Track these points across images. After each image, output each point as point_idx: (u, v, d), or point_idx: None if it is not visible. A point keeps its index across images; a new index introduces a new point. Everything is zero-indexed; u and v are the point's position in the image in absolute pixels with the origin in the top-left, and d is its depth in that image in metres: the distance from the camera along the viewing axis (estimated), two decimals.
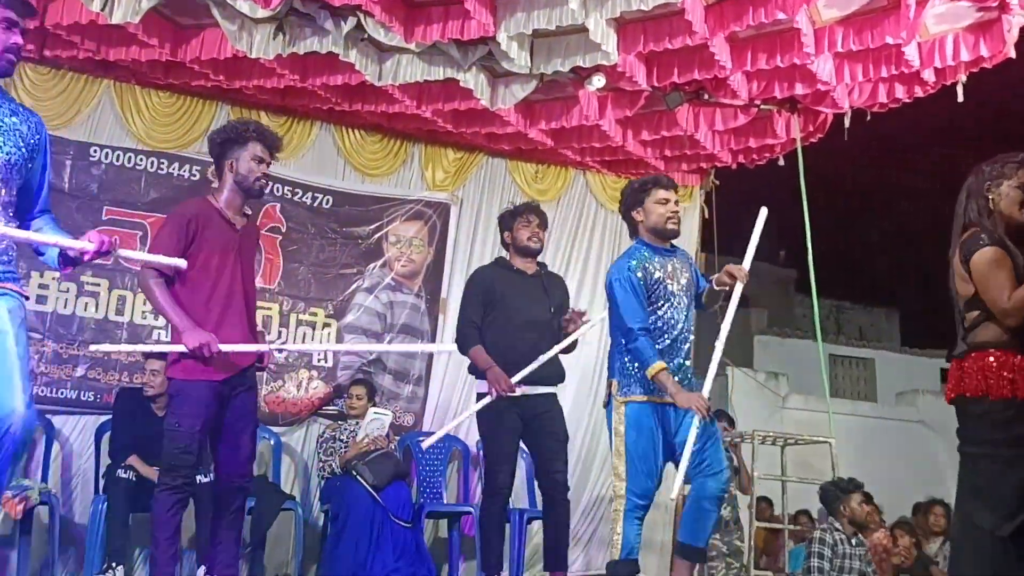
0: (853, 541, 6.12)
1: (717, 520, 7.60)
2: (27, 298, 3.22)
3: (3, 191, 3.08)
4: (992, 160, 3.65)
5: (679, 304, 4.49)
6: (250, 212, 4.57)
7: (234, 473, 4.30)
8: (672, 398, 4.27)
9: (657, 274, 4.46)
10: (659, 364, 4.28)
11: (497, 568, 5.25)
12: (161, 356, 5.86)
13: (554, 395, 5.35)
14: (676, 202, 4.58)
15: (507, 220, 5.54)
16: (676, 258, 4.61)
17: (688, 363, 4.52)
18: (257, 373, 4.51)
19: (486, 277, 5.46)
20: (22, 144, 3.14)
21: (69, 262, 3.20)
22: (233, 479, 4.30)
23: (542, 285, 5.40)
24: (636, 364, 4.38)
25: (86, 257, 3.14)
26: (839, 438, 6.98)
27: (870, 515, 6.19)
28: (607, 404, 4.53)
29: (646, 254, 4.50)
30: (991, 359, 3.42)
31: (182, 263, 3.33)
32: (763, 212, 4.67)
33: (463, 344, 5.33)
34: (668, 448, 4.40)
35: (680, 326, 4.47)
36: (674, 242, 4.67)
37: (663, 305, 4.46)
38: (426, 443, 6.04)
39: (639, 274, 4.44)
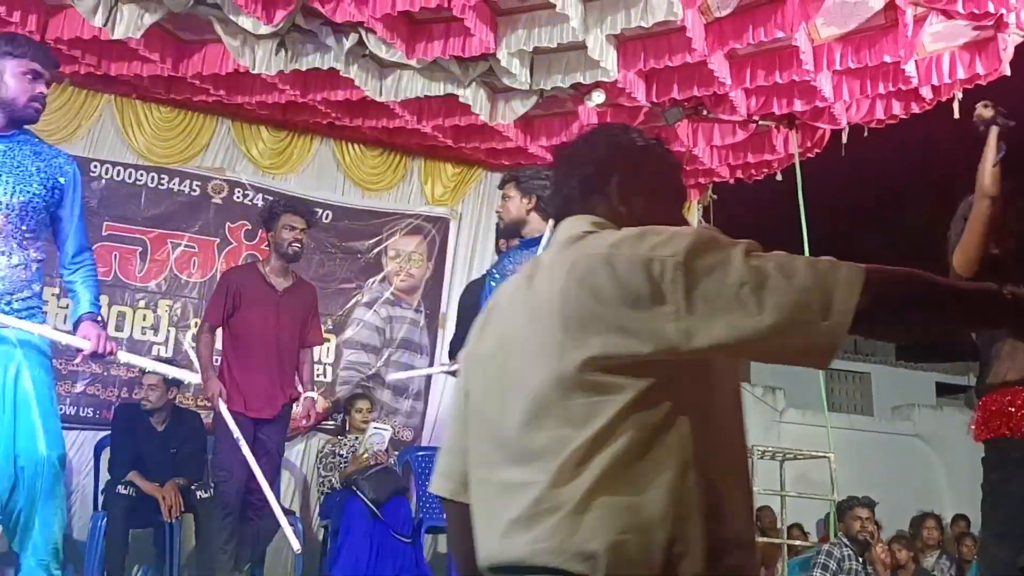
0: (861, 559, 6.15)
1: None
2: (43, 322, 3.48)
3: (15, 226, 3.31)
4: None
5: None
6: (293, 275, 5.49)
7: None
8: None
9: None
10: None
11: None
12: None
13: None
14: None
15: None
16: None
17: None
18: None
19: (473, 293, 5.54)
20: (38, 184, 3.35)
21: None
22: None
23: None
24: None
25: (82, 355, 3.43)
26: (835, 452, 7.00)
27: (861, 531, 6.21)
28: None
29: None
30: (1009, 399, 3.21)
31: (193, 377, 4.26)
32: None
33: None
34: None
35: None
36: None
37: None
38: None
39: None
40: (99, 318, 3.51)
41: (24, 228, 3.34)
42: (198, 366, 5.29)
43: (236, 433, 4.89)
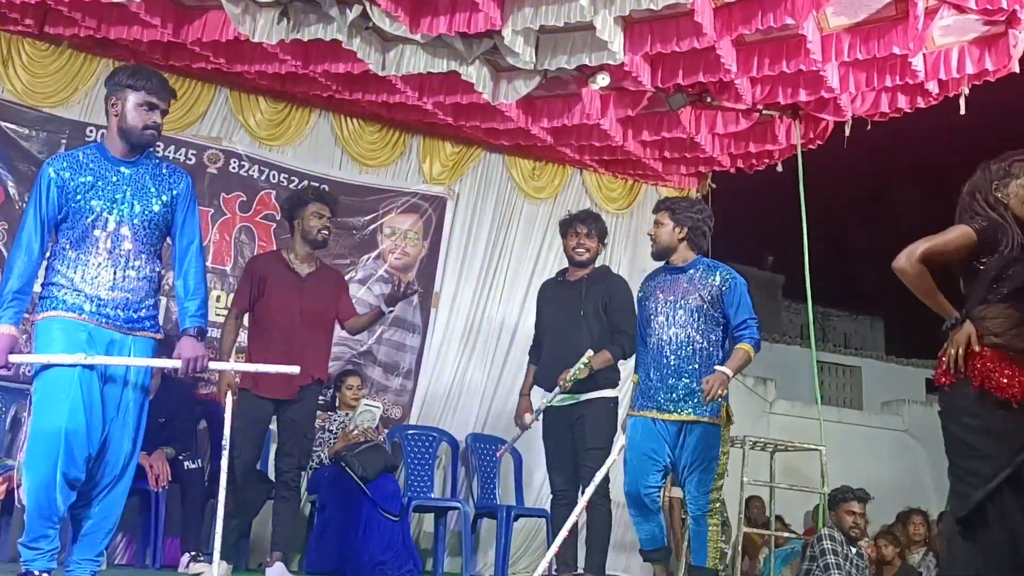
0: (854, 548, 6.10)
1: None
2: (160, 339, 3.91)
3: (142, 243, 3.73)
4: (1000, 158, 3.58)
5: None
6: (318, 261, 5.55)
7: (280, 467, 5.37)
8: None
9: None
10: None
11: (568, 567, 5.32)
12: None
13: (592, 400, 5.24)
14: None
15: (561, 229, 5.60)
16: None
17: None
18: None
19: (540, 292, 5.75)
20: (157, 202, 3.76)
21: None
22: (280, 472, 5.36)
23: (581, 289, 5.37)
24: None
25: (180, 373, 3.85)
26: (826, 445, 6.96)
27: (854, 528, 6.13)
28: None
29: None
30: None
31: (294, 369, 4.30)
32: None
33: None
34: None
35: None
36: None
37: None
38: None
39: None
40: (195, 333, 3.82)
41: (148, 243, 3.77)
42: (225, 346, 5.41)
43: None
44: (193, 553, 5.67)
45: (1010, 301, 3.37)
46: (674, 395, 4.57)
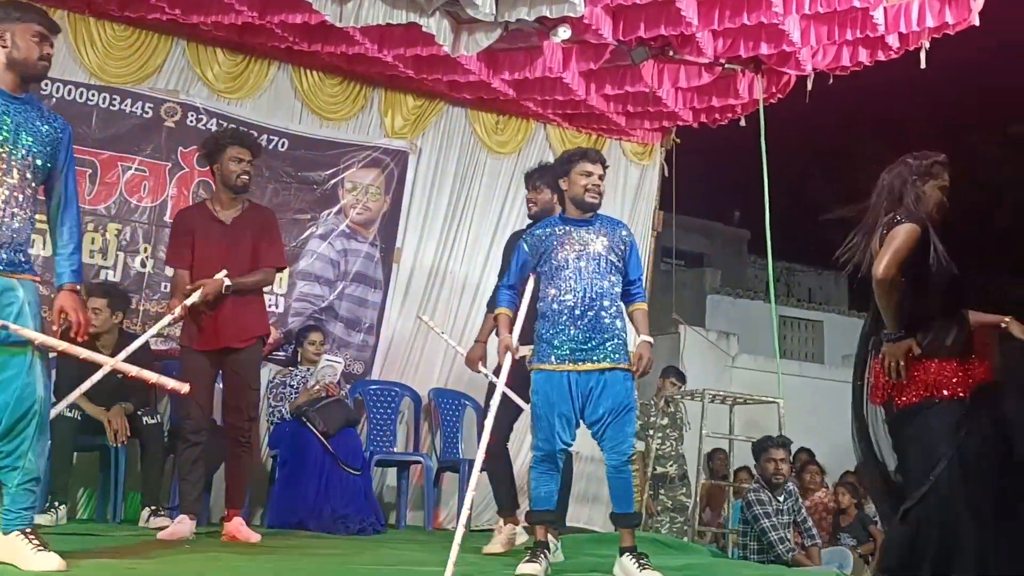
0: (781, 496, 6.12)
1: (663, 476, 7.75)
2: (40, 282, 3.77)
3: (29, 182, 3.60)
4: (918, 155, 3.72)
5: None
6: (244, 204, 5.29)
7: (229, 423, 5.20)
8: None
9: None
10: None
11: (507, 510, 5.32)
12: (104, 294, 5.80)
13: None
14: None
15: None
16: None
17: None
18: None
19: (507, 243, 5.71)
20: (45, 142, 3.64)
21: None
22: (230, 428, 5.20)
23: None
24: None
25: (75, 334, 3.75)
26: (786, 398, 7.05)
27: (776, 475, 6.13)
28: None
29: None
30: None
31: (182, 387, 3.98)
32: None
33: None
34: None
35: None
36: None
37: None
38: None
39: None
40: (78, 288, 3.75)
41: (34, 185, 3.65)
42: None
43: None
44: (153, 508, 5.66)
45: (943, 304, 3.62)
46: (587, 345, 4.40)
